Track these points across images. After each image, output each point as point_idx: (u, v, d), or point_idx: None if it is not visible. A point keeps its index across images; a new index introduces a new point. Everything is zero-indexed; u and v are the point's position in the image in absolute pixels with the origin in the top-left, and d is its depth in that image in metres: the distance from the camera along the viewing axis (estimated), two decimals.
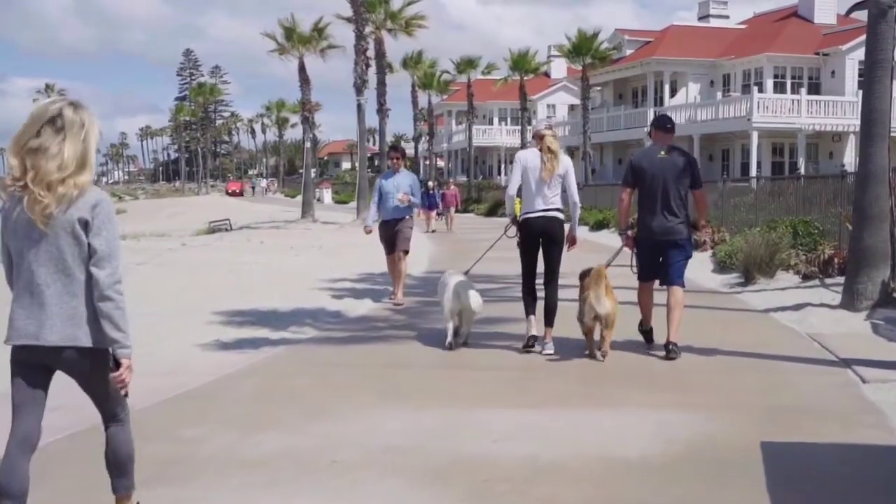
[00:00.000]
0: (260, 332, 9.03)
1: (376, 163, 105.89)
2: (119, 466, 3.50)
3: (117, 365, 3.27)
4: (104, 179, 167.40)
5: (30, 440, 3.29)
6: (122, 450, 3.48)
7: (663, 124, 7.69)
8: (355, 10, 30.30)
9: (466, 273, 8.23)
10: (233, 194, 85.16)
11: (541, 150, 7.48)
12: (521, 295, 7.81)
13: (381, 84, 33.58)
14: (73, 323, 3.21)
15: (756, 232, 14.67)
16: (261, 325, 9.44)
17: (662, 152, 7.52)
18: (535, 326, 7.63)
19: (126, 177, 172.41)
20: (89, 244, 3.20)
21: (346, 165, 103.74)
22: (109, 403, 3.42)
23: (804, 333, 8.64)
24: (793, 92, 36.64)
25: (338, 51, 34.27)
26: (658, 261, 7.54)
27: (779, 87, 37.80)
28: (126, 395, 3.39)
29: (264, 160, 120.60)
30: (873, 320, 9.01)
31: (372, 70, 33.21)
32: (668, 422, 5.41)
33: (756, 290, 11.93)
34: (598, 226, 25.46)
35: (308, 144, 34.91)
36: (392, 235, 10.95)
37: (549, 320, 7.59)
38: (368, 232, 11.25)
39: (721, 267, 14.61)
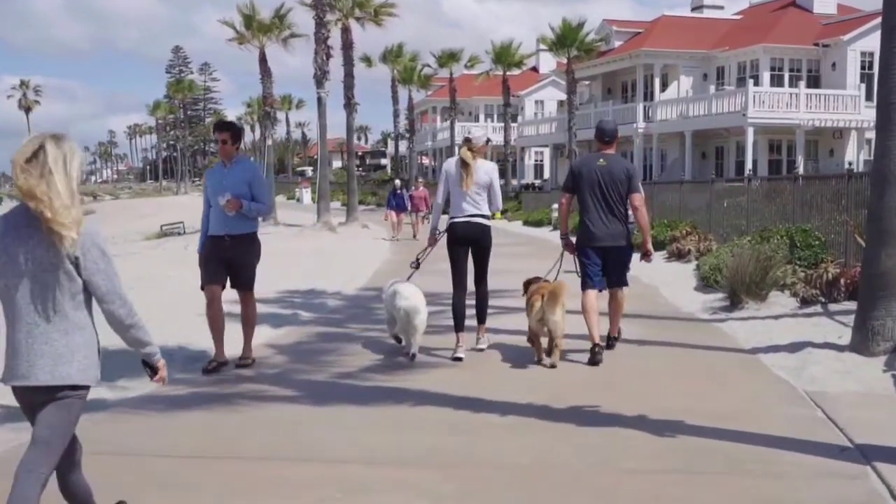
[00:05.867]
0: None
1: (367, 161, 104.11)
2: None
3: (153, 370, 3.39)
4: (93, 178, 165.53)
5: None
6: (81, 495, 3.45)
7: (601, 137, 7.77)
8: None
9: (408, 279, 8.04)
10: None
11: (462, 157, 7.59)
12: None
13: (349, 76, 31.13)
14: (64, 360, 3.17)
15: (746, 242, 12.45)
16: None
17: (602, 160, 7.59)
18: (463, 344, 7.65)
19: (115, 175, 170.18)
20: (87, 282, 3.18)
21: (337, 164, 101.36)
22: (62, 438, 3.23)
23: (803, 391, 6.39)
24: (791, 85, 34.58)
25: (302, 40, 31.91)
26: (599, 266, 7.63)
27: (776, 81, 35.67)
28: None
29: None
30: (895, 372, 6.74)
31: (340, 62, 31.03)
32: None
33: (743, 318, 9.66)
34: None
35: (270, 142, 32.61)
36: (222, 260, 7.32)
37: (481, 317, 7.89)
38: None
39: (705, 283, 12.37)
